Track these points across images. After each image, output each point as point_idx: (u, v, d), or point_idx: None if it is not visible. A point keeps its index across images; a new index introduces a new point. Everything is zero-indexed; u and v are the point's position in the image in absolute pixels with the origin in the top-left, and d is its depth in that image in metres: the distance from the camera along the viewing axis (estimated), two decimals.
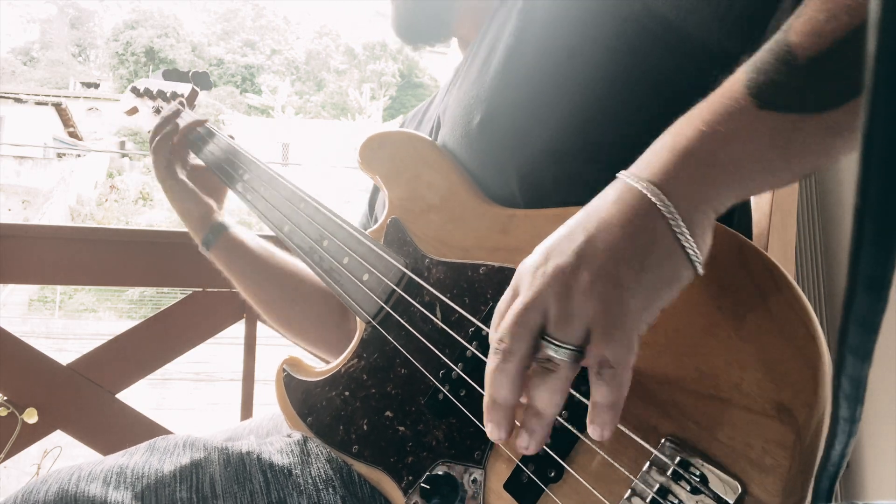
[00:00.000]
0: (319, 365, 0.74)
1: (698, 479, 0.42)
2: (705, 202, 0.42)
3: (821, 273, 1.47)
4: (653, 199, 0.42)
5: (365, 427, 0.64)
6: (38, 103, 18.48)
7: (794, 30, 0.42)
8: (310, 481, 0.62)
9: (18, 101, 18.31)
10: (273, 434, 0.82)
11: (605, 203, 0.44)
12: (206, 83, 1.09)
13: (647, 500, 0.43)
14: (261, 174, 0.87)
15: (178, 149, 0.95)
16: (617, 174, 0.45)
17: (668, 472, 0.43)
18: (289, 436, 0.70)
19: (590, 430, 0.42)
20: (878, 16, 0.19)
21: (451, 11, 0.84)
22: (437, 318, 0.62)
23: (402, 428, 0.61)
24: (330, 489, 0.61)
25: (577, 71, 0.60)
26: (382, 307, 0.67)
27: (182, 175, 0.93)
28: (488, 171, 0.66)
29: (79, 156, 18.92)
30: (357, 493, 0.62)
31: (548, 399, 0.42)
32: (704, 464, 0.42)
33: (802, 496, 0.39)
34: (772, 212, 0.73)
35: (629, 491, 0.44)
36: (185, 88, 1.08)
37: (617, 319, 0.40)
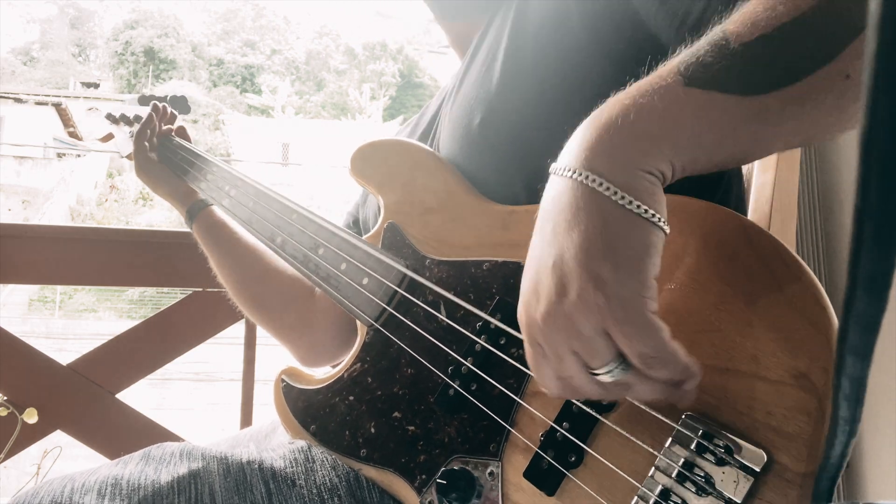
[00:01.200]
0: (319, 373, 0.74)
1: (723, 451, 0.42)
2: (634, 164, 0.42)
3: (821, 273, 1.47)
4: (586, 182, 0.41)
5: (372, 430, 0.64)
6: (38, 103, 18.48)
7: (732, 19, 0.43)
8: (314, 490, 0.60)
9: (18, 101, 18.31)
10: (270, 438, 0.81)
11: (551, 206, 0.44)
12: (183, 107, 1.12)
13: (673, 475, 0.43)
14: (247, 189, 0.88)
15: (153, 141, 1.04)
16: (549, 170, 0.45)
17: (692, 446, 0.43)
18: (292, 442, 0.68)
19: (684, 404, 0.43)
20: (878, 16, 0.19)
21: None
22: (443, 316, 0.62)
23: (411, 427, 0.61)
24: (335, 498, 0.60)
25: (578, 70, 0.60)
26: (385, 309, 0.67)
27: (156, 158, 1.02)
28: (489, 171, 0.66)
29: (79, 156, 18.92)
30: (365, 500, 0.61)
31: (650, 389, 0.42)
32: (728, 434, 0.42)
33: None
34: (772, 212, 0.73)
35: (653, 468, 0.44)
36: None
37: (621, 316, 0.40)
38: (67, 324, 13.11)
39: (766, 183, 0.76)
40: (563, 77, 0.61)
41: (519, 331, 0.50)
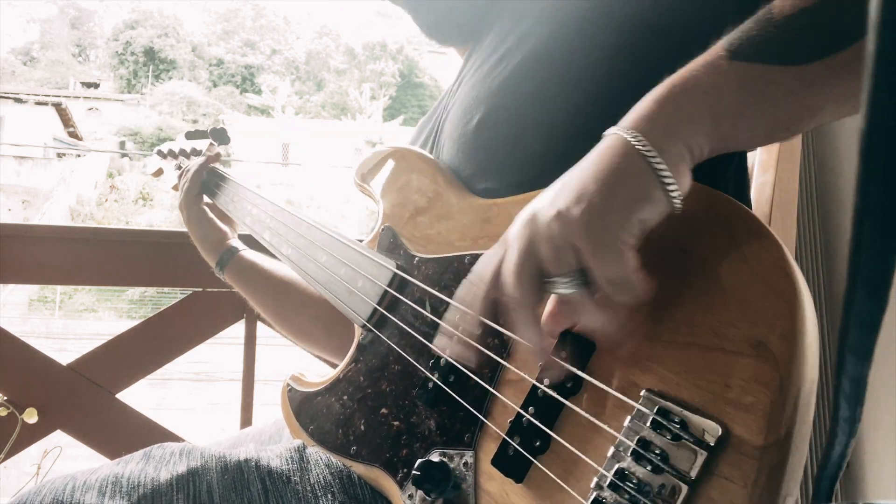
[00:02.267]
0: (321, 376, 0.75)
1: (678, 426, 0.41)
2: (675, 135, 0.43)
3: (821, 273, 1.47)
4: (625, 135, 0.43)
5: (362, 427, 0.65)
6: (38, 103, 18.48)
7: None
8: (308, 488, 0.61)
9: (18, 101, 18.31)
10: (275, 440, 0.82)
11: (586, 157, 0.46)
12: (223, 138, 1.18)
13: (629, 454, 0.43)
14: (266, 207, 0.92)
15: (204, 181, 1.05)
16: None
17: (648, 423, 0.43)
18: (288, 442, 0.70)
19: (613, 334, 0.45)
20: (878, 16, 0.19)
21: (471, 8, 0.81)
22: (427, 312, 0.63)
23: (396, 423, 0.62)
24: (329, 495, 0.61)
25: (579, 71, 0.60)
26: (376, 309, 0.69)
27: (202, 204, 1.02)
28: (482, 170, 0.67)
29: (79, 156, 18.92)
30: (357, 496, 0.62)
31: (594, 320, 0.45)
32: (683, 410, 0.41)
33: (788, 432, 0.38)
34: (772, 212, 0.73)
35: (612, 448, 0.44)
36: (203, 144, 1.17)
37: (597, 237, 0.41)
38: (67, 324, 13.11)
39: (766, 183, 0.76)
40: (568, 80, 0.61)
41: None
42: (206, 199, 1.04)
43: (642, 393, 0.44)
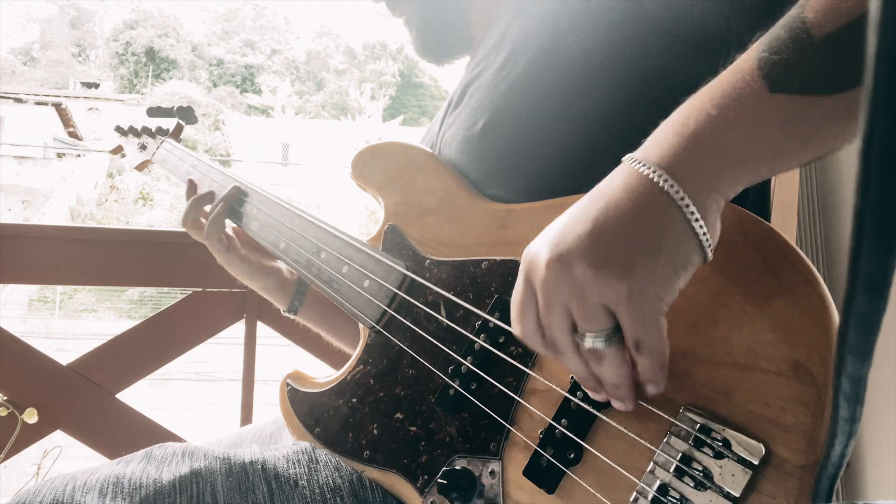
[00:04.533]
0: (323, 375, 0.74)
1: (721, 444, 0.42)
2: (715, 189, 0.41)
3: (821, 273, 1.47)
4: (663, 185, 0.41)
5: (375, 431, 0.64)
6: (38, 103, 18.47)
7: (810, 6, 0.40)
8: (317, 491, 0.60)
9: (18, 101, 18.31)
10: (276, 438, 0.81)
11: (613, 188, 0.43)
12: (191, 117, 1.10)
13: (672, 470, 0.43)
14: (251, 195, 0.87)
15: (224, 227, 0.89)
16: (622, 158, 0.45)
17: (690, 440, 0.43)
18: (295, 443, 0.68)
19: (649, 391, 0.44)
20: (878, 16, 0.19)
21: (467, 17, 0.82)
22: (443, 316, 0.62)
23: (413, 428, 0.61)
24: (337, 498, 0.60)
25: (590, 79, 0.59)
26: (385, 311, 0.67)
27: (244, 251, 0.88)
28: (487, 175, 0.66)
29: (79, 156, 18.91)
30: (367, 500, 0.61)
31: (613, 374, 0.44)
32: (725, 428, 0.42)
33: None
34: (772, 212, 0.73)
35: (651, 463, 0.44)
36: (170, 123, 1.09)
37: (637, 306, 0.40)
38: (67, 324, 13.11)
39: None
40: (575, 85, 0.60)
41: None
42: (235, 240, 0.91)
43: (681, 410, 0.44)
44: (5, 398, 1.28)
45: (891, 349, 1.18)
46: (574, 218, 0.43)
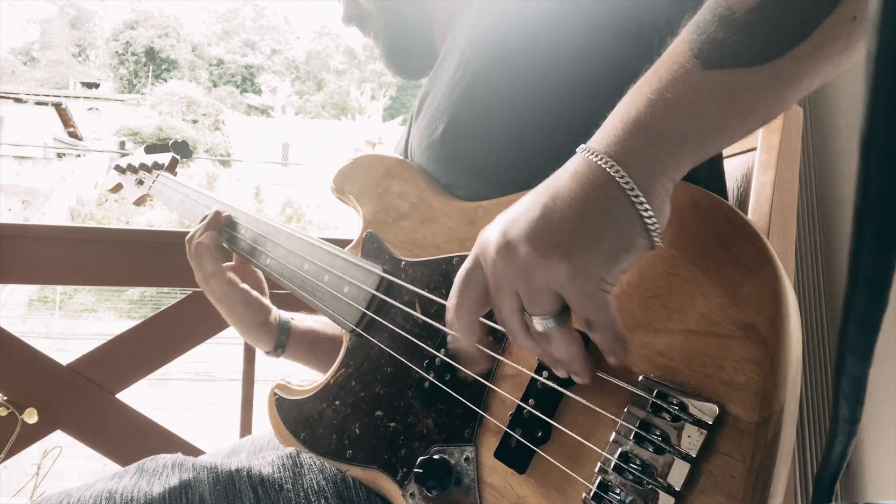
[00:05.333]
0: (308, 382, 0.76)
1: (677, 408, 0.43)
2: (661, 172, 0.43)
3: (821, 273, 1.47)
4: (610, 171, 0.42)
5: (357, 430, 0.65)
6: (38, 103, 18.48)
7: None
8: (301, 494, 0.61)
9: (18, 101, 18.31)
10: (273, 444, 0.82)
11: (563, 177, 0.45)
12: (185, 151, 1.14)
13: (632, 437, 0.44)
14: (240, 217, 0.89)
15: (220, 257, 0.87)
16: (577, 149, 0.46)
17: (648, 407, 0.44)
18: (280, 449, 0.70)
19: (610, 361, 0.46)
20: (878, 16, 0.19)
21: (429, 25, 0.83)
22: (418, 313, 0.64)
23: (392, 424, 0.62)
24: (322, 500, 0.61)
25: (544, 80, 0.61)
26: (364, 313, 0.69)
27: (239, 286, 0.85)
28: (452, 179, 0.68)
29: (79, 156, 18.92)
30: (352, 499, 0.62)
31: (564, 353, 0.46)
32: (681, 393, 0.43)
33: (780, 407, 0.40)
34: (772, 212, 0.73)
35: (614, 433, 0.46)
36: (165, 158, 1.13)
37: (580, 286, 0.42)
38: (67, 324, 13.11)
39: (766, 183, 0.76)
40: (528, 85, 0.62)
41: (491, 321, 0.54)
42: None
43: (640, 379, 0.46)
44: (5, 398, 1.28)
45: (891, 349, 1.18)
46: (526, 206, 0.45)
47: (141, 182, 1.15)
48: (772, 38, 0.41)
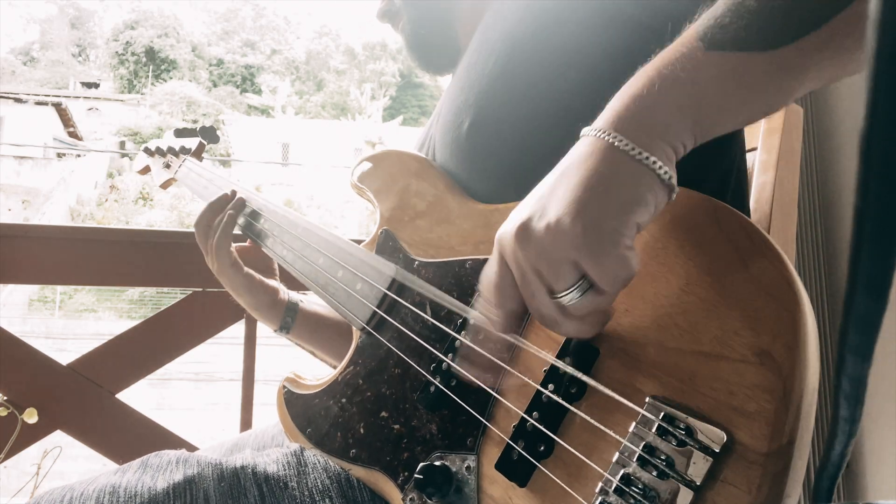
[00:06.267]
0: (319, 378, 0.75)
1: (684, 433, 0.41)
2: (658, 136, 0.43)
3: (821, 273, 1.47)
4: (608, 139, 0.43)
5: (361, 430, 0.65)
6: (38, 103, 18.47)
7: None
8: (306, 493, 0.61)
9: (18, 101, 18.31)
10: (275, 442, 0.82)
11: (567, 158, 0.45)
12: (212, 137, 1.14)
13: (635, 459, 0.43)
14: (260, 206, 0.90)
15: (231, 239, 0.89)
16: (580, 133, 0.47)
17: (654, 429, 0.43)
18: (285, 446, 0.70)
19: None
20: (878, 16, 0.19)
21: (453, 21, 0.84)
22: (428, 315, 0.63)
23: (396, 426, 0.62)
24: (326, 499, 0.61)
25: (569, 74, 0.60)
26: (375, 312, 0.69)
27: (246, 268, 0.87)
28: (477, 175, 0.67)
29: (79, 156, 18.92)
30: (355, 499, 0.62)
31: (592, 325, 0.45)
32: (689, 417, 0.42)
33: (791, 439, 0.39)
34: (772, 212, 0.73)
35: (617, 454, 0.44)
36: (192, 143, 1.14)
37: (595, 245, 0.41)
38: (67, 324, 13.11)
39: (766, 183, 0.76)
40: (554, 78, 0.61)
41: None
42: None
43: (647, 399, 0.44)
44: (5, 398, 1.28)
45: (891, 349, 1.18)
46: (534, 194, 0.46)
47: (168, 166, 1.16)
48: (778, 26, 0.41)
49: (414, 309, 0.65)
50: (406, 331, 0.65)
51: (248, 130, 21.85)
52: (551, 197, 0.43)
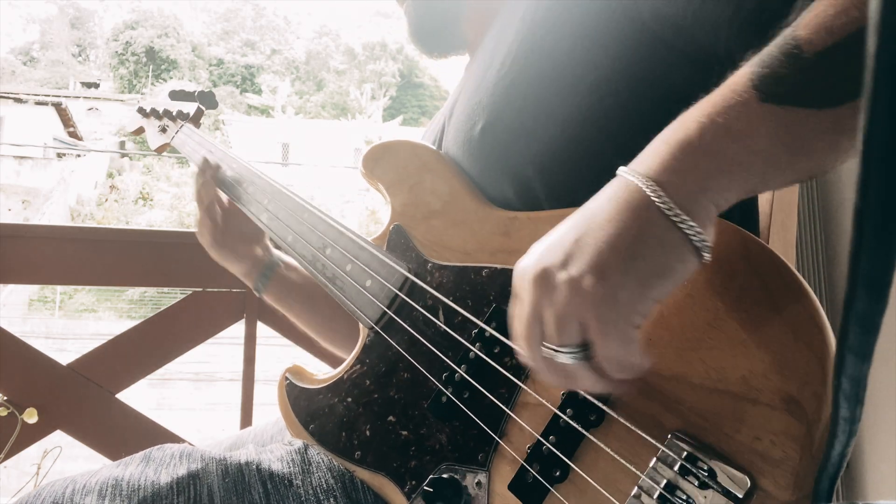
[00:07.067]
0: (321, 372, 0.74)
1: (706, 474, 0.41)
2: (702, 193, 0.41)
3: (821, 273, 1.47)
4: (647, 190, 0.41)
5: (367, 432, 0.64)
6: (38, 103, 18.46)
7: (802, 24, 0.41)
8: (310, 491, 0.61)
9: (18, 101, 18.30)
10: (275, 441, 0.81)
11: (600, 199, 0.44)
12: (211, 102, 1.11)
13: (655, 497, 0.42)
14: (263, 186, 0.87)
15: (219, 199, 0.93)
16: (616, 170, 0.45)
17: (676, 468, 0.42)
18: (290, 444, 0.69)
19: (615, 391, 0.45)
20: (878, 16, 0.19)
21: (458, 14, 0.83)
22: (440, 321, 0.62)
23: (404, 432, 0.61)
24: (331, 499, 0.61)
25: (582, 78, 0.60)
26: (385, 312, 0.67)
27: (232, 239, 0.92)
28: (488, 176, 0.66)
29: (79, 156, 18.91)
30: (360, 501, 0.61)
31: (590, 383, 0.44)
32: (712, 458, 0.41)
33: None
34: (772, 212, 0.73)
35: (636, 488, 0.44)
36: (190, 108, 1.09)
37: (606, 315, 0.40)
38: (67, 324, 13.09)
39: None
40: (568, 84, 0.60)
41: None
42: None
43: (668, 435, 0.44)
44: (5, 398, 1.27)
45: (891, 349, 1.18)
46: (562, 233, 0.44)
47: (164, 130, 1.10)
48: (836, 85, 0.39)
49: (426, 313, 0.64)
50: (417, 335, 0.64)
51: (248, 130, 21.84)
52: (578, 247, 0.42)
